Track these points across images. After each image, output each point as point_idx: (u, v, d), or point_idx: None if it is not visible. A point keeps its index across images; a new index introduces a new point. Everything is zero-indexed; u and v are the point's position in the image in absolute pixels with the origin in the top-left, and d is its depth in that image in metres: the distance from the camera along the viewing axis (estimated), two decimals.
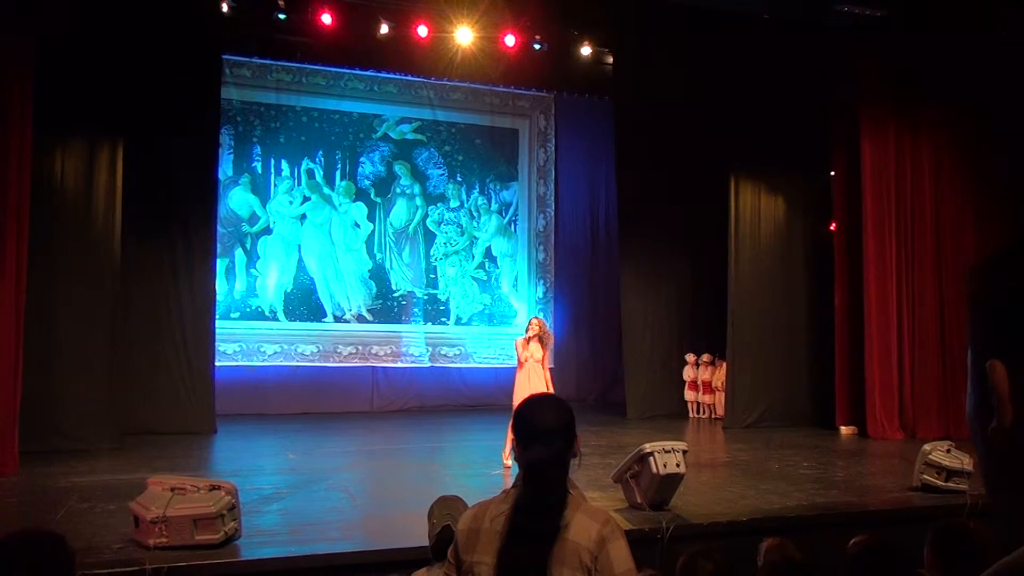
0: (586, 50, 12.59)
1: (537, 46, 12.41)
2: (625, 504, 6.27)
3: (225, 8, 10.60)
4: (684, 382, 12.73)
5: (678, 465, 6.06)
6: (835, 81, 11.22)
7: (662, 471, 5.97)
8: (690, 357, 12.64)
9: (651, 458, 6.01)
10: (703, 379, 12.55)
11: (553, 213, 14.47)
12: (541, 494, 2.19)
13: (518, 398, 8.62)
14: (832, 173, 11.64)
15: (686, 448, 6.23)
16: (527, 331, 8.74)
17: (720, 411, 12.16)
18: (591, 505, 2.25)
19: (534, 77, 13.35)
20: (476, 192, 14.03)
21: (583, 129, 14.41)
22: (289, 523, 6.24)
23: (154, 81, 10.06)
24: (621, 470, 6.28)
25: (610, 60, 12.85)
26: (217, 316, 11.24)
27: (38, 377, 8.64)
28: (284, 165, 12.95)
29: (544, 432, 2.25)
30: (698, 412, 12.64)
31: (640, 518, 5.92)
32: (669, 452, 6.06)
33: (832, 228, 11.83)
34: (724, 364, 11.95)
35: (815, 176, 12.04)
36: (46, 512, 6.33)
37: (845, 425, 11.08)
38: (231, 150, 12.59)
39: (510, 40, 11.83)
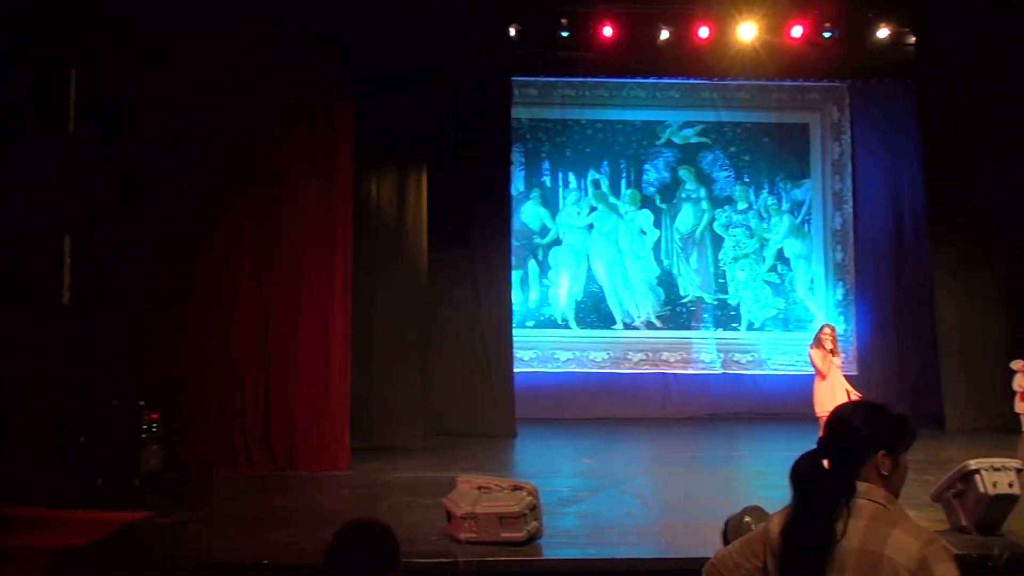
0: (883, 32, 11.62)
1: (827, 34, 11.68)
2: (946, 525, 5.70)
3: (512, 32, 11.14)
4: (1014, 392, 11.30)
5: (1011, 485, 5.41)
6: None
7: (991, 491, 5.36)
8: (1017, 364, 11.21)
9: (977, 476, 5.42)
10: None
11: (851, 210, 13.53)
12: (802, 497, 2.14)
13: (826, 407, 8.37)
14: None
15: (1021, 466, 5.54)
16: (824, 341, 8.50)
17: None
18: (914, 523, 2.09)
19: (824, 67, 12.56)
20: (765, 192, 13.51)
21: (882, 118, 13.34)
22: (587, 525, 6.40)
23: (452, 108, 10.92)
24: (941, 488, 5.73)
25: (912, 41, 11.79)
26: (513, 324, 11.87)
27: (361, 380, 9.61)
28: (571, 177, 13.34)
29: (826, 434, 2.23)
30: None
31: (965, 542, 5.36)
32: (999, 470, 5.43)
33: None
34: None
35: None
36: (374, 504, 7.02)
37: None
38: (522, 167, 13.20)
39: (797, 31, 11.26)
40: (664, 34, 11.31)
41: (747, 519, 3.31)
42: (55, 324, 8.18)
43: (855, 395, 8.17)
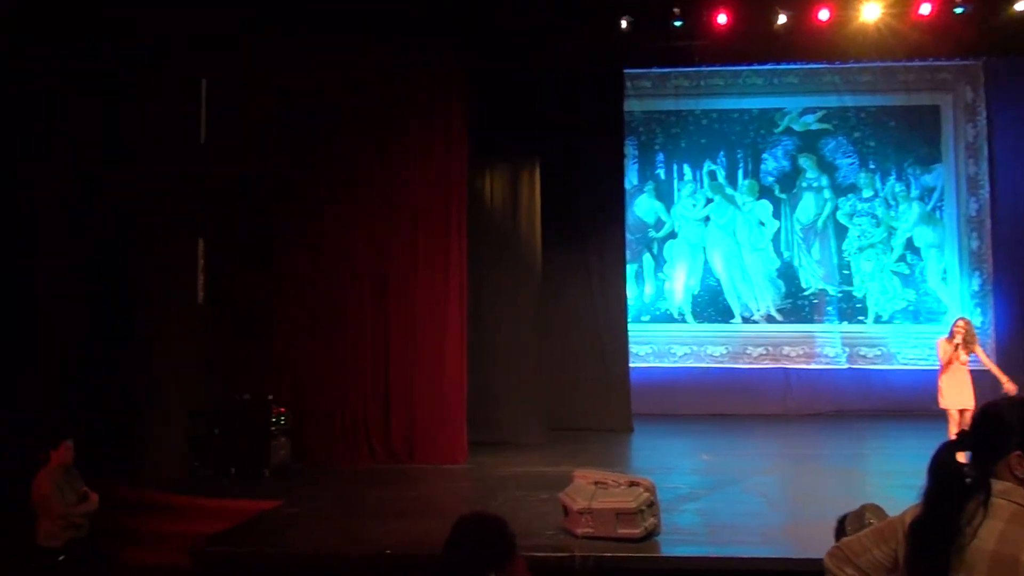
0: (1021, 6, 10.89)
1: (959, 10, 11.04)
2: None
3: (624, 25, 11.03)
4: None
5: None
6: None
7: None
8: None
9: None
10: None
11: (987, 195, 12.75)
12: (934, 490, 2.04)
13: (949, 402, 8.10)
14: None
15: None
16: (955, 335, 8.17)
17: None
18: None
19: (956, 45, 11.85)
20: (892, 179, 12.91)
21: (1021, 96, 12.52)
22: (707, 523, 6.29)
23: (564, 103, 10.92)
24: None
25: None
26: (628, 319, 11.78)
27: (478, 376, 9.74)
28: (686, 169, 13.11)
29: (972, 426, 2.13)
30: None
31: None
32: None
33: None
34: None
35: None
36: (489, 497, 7.10)
37: None
38: (635, 160, 13.06)
39: (925, 8, 10.68)
40: (781, 18, 10.94)
41: (868, 515, 3.18)
42: (191, 323, 8.65)
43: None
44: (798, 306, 12.89)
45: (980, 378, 8.54)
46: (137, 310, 8.28)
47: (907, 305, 12.75)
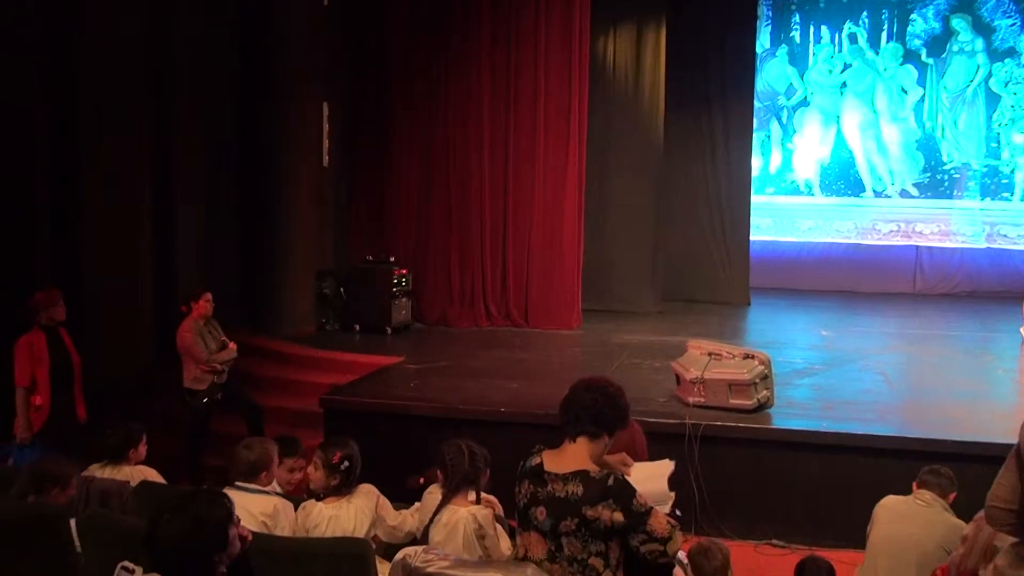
0: None
1: None
2: None
3: None
4: None
5: None
6: None
7: None
8: None
9: None
10: None
11: None
12: None
13: None
14: None
15: None
16: None
17: None
18: None
19: None
20: None
21: None
22: (821, 399, 6.25)
23: None
24: None
25: None
26: (752, 190, 11.41)
27: (596, 244, 9.75)
28: (824, 31, 12.25)
29: None
30: None
31: None
32: None
33: None
34: None
35: None
36: (603, 363, 7.23)
37: None
38: (768, 21, 12.29)
39: None
40: None
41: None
42: (317, 185, 8.92)
43: None
44: (936, 180, 12.14)
45: None
46: (269, 172, 8.58)
47: None
